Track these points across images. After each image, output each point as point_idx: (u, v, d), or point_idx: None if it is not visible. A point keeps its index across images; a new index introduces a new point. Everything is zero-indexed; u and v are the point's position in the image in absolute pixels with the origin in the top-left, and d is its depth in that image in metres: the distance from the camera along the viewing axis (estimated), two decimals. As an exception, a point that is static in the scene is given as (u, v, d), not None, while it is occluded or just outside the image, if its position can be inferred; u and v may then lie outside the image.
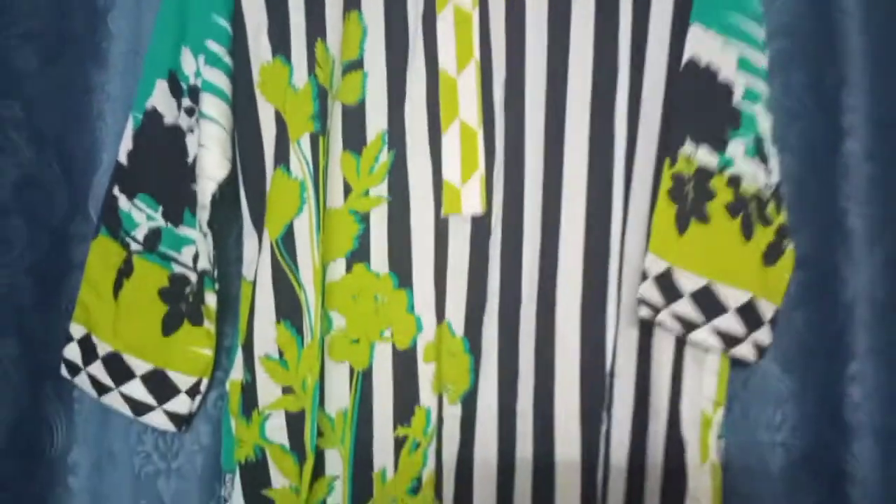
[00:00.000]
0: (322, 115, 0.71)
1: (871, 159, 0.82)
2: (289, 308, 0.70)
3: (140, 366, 0.74)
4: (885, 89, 0.82)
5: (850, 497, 0.80)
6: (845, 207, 0.83)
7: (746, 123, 0.73)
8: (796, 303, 0.78)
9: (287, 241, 0.70)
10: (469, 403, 0.72)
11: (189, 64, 0.74)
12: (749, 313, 0.72)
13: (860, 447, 0.81)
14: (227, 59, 0.73)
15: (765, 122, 0.74)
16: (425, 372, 0.70)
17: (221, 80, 0.72)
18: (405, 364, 0.71)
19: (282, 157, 0.71)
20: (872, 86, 0.82)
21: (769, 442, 0.78)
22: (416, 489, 0.69)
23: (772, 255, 0.73)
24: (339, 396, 0.71)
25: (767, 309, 0.73)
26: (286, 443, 0.69)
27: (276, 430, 0.69)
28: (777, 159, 0.75)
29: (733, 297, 0.71)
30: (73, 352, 0.76)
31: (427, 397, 0.70)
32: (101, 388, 0.75)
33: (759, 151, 0.73)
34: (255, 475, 0.69)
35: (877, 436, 0.80)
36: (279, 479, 0.69)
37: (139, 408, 0.74)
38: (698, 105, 0.72)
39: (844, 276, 0.83)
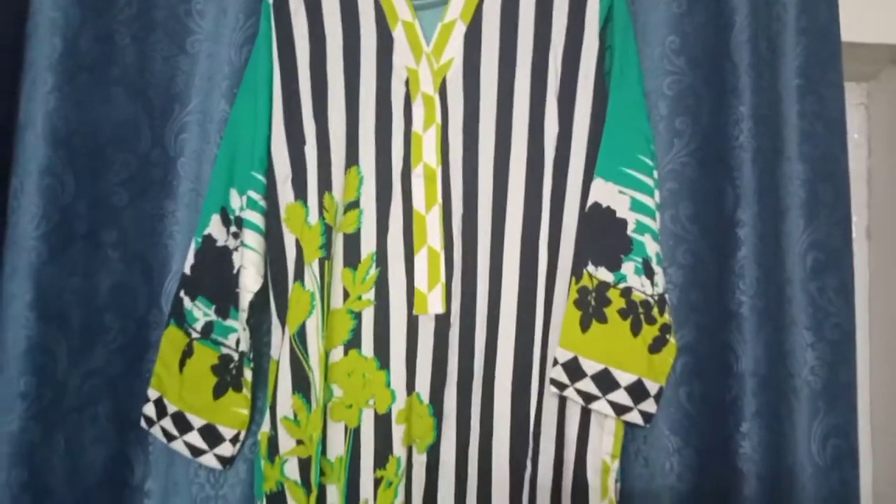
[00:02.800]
0: (328, 245, 0.99)
1: (758, 264, 1.07)
2: (301, 384, 0.97)
3: (197, 421, 1.01)
4: (769, 212, 1.07)
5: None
6: (741, 300, 1.07)
7: (637, 249, 0.99)
8: (680, 381, 1.02)
9: (301, 335, 0.98)
10: (433, 454, 0.98)
11: (235, 201, 1.03)
12: (637, 390, 0.97)
13: (749, 489, 1.05)
14: (263, 203, 1.02)
15: (651, 247, 1.00)
16: (397, 431, 0.97)
17: (258, 219, 1.01)
18: (383, 425, 0.97)
19: (299, 275, 0.99)
20: (760, 207, 1.08)
21: (662, 484, 1.01)
22: (389, 515, 0.96)
23: (656, 346, 0.99)
24: (337, 447, 0.98)
25: (652, 387, 0.98)
26: (298, 479, 0.96)
27: (292, 470, 0.96)
28: (662, 275, 1.01)
29: (624, 378, 0.97)
30: (150, 409, 1.03)
31: (398, 449, 0.96)
32: (170, 437, 1.02)
33: (646, 270, 0.99)
34: (277, 503, 0.97)
35: (761, 480, 1.04)
36: (293, 506, 0.96)
37: (196, 451, 1.01)
38: (599, 236, 0.99)
39: (738, 353, 1.08)
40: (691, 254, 1.05)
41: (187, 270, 1.03)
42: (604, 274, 0.98)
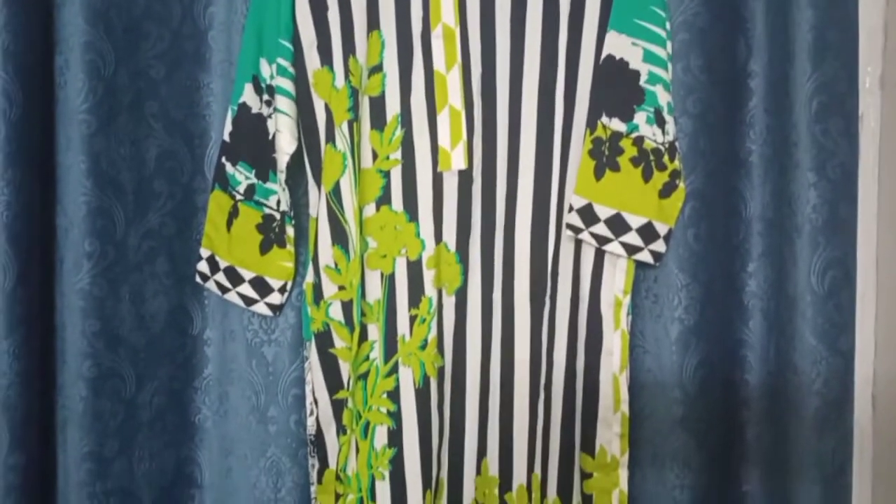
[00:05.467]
0: (355, 108, 1.05)
1: (767, 112, 1.12)
2: (340, 236, 1.07)
3: (247, 274, 1.11)
4: (779, 60, 1.11)
5: (745, 357, 1.14)
6: (750, 148, 1.13)
7: (649, 99, 1.04)
8: (688, 223, 1.09)
9: (336, 192, 1.06)
10: (461, 295, 1.09)
11: (266, 70, 1.09)
12: (647, 231, 1.05)
13: (754, 323, 1.14)
14: (291, 69, 1.08)
15: (663, 97, 1.05)
16: (428, 275, 1.06)
17: (288, 85, 1.07)
18: (415, 270, 1.07)
19: (330, 137, 1.06)
20: (770, 56, 1.11)
21: (670, 316, 1.10)
22: (423, 346, 1.06)
23: (666, 191, 1.06)
24: (375, 291, 1.08)
25: (662, 228, 1.06)
26: (342, 320, 1.07)
27: (336, 312, 1.07)
28: (673, 124, 1.06)
29: (635, 221, 1.05)
30: (203, 266, 1.13)
31: (429, 290, 1.06)
32: (224, 289, 1.12)
33: (657, 119, 1.04)
34: (324, 341, 1.08)
35: (764, 312, 1.14)
36: (339, 342, 1.07)
37: (249, 301, 1.11)
38: (612, 88, 1.04)
39: (746, 198, 1.14)
40: (701, 103, 1.09)
41: (226, 138, 1.10)
42: (617, 124, 1.04)
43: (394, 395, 1.07)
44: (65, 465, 1.08)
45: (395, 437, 1.06)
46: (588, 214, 1.04)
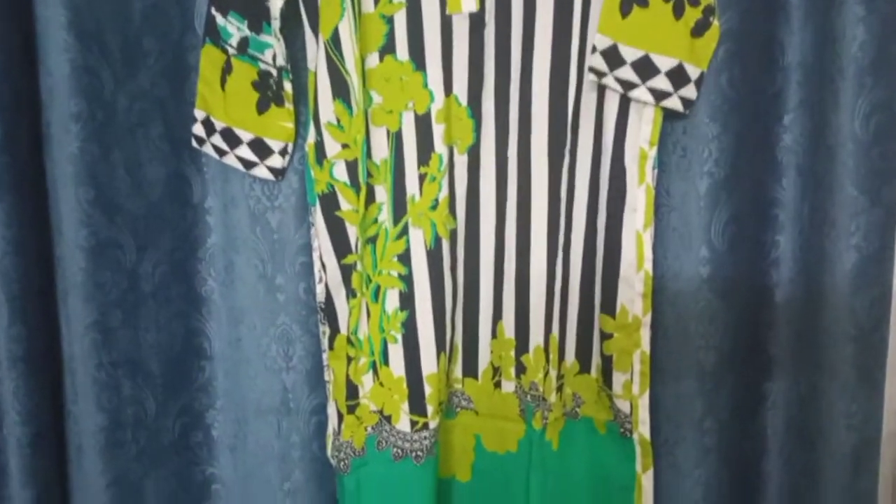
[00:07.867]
0: (351, -56, 0.95)
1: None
2: (341, 89, 0.98)
3: (245, 135, 1.04)
4: None
5: (777, 216, 1.08)
6: (787, -15, 1.03)
7: (680, -73, 0.93)
8: (722, 67, 1.00)
9: (335, 40, 0.97)
10: (473, 153, 1.01)
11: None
12: (677, 75, 0.96)
13: (787, 181, 1.07)
14: None
15: (696, -75, 0.93)
16: (437, 130, 0.99)
17: (277, -78, 0.97)
18: (424, 125, 0.99)
19: (327, -23, 0.97)
20: None
21: (699, 171, 1.03)
22: (434, 206, 1.00)
23: (699, 30, 0.96)
24: (381, 149, 1.01)
25: (693, 72, 0.97)
26: (347, 180, 1.01)
27: (340, 172, 1.00)
28: (705, -48, 0.95)
29: (665, 63, 0.95)
30: (199, 129, 1.07)
31: (439, 146, 0.99)
32: (221, 152, 1.06)
33: (690, -53, 0.93)
34: (330, 203, 1.01)
35: (799, 170, 1.06)
36: (345, 205, 1.01)
37: (248, 164, 1.05)
38: (640, -85, 0.92)
39: (784, 44, 1.05)
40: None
41: (215, -15, 1.01)
42: (645, -46, 0.93)
43: (404, 258, 1.02)
44: (69, 337, 1.05)
45: (407, 300, 1.01)
46: (613, 56, 0.95)
